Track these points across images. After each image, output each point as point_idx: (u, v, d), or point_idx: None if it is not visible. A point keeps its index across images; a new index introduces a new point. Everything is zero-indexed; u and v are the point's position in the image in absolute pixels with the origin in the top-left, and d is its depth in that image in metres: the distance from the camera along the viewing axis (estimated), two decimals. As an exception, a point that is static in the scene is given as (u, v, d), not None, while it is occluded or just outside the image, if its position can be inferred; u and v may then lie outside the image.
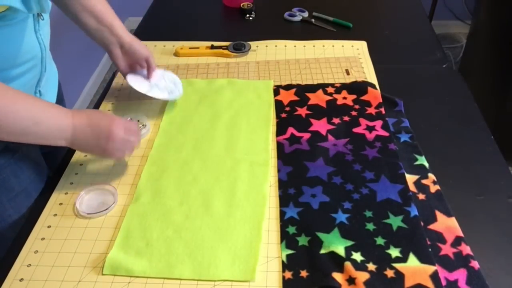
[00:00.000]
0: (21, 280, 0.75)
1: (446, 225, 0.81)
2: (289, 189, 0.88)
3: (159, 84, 1.09)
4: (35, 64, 0.88)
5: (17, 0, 0.74)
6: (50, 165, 1.01)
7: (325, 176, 0.91)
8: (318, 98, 1.11)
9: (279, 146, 0.98)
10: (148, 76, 1.09)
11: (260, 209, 0.84)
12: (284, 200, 0.86)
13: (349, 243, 0.78)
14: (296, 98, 1.12)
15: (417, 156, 0.95)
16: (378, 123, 1.03)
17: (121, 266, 0.75)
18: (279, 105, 1.10)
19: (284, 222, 0.82)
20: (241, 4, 1.52)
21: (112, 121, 0.84)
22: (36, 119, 0.77)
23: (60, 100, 1.09)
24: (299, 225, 0.82)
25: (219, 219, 0.83)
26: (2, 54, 0.79)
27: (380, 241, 0.78)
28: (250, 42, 1.32)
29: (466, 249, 0.77)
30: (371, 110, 1.06)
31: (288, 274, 0.74)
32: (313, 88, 1.14)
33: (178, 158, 0.96)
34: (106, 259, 0.76)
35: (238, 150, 0.97)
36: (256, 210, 0.84)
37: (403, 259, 0.75)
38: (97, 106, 1.14)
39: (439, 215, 0.83)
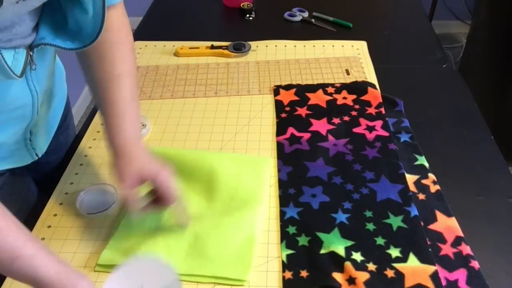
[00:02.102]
0: (21, 280, 0.75)
1: (446, 225, 0.81)
2: (289, 189, 0.88)
3: None
4: (24, 111, 0.78)
5: None
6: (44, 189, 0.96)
7: (325, 176, 0.91)
8: (318, 98, 1.11)
9: (279, 146, 0.98)
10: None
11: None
12: (284, 200, 0.86)
13: (349, 243, 0.78)
14: (296, 98, 1.11)
15: (417, 156, 0.95)
16: (378, 123, 1.03)
17: (115, 260, 0.75)
18: (279, 105, 1.10)
19: (284, 222, 0.82)
20: (241, 4, 1.52)
21: None
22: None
23: (67, 126, 1.04)
24: (299, 225, 0.82)
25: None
26: None
27: (380, 241, 0.78)
28: (250, 42, 1.32)
29: (466, 249, 0.77)
30: (371, 110, 1.06)
31: (288, 274, 0.74)
32: (313, 88, 1.14)
33: None
34: (101, 254, 0.77)
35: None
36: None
37: (403, 259, 0.75)
38: (97, 106, 1.13)
39: (439, 215, 0.83)
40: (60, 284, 0.61)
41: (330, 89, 1.13)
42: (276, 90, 1.15)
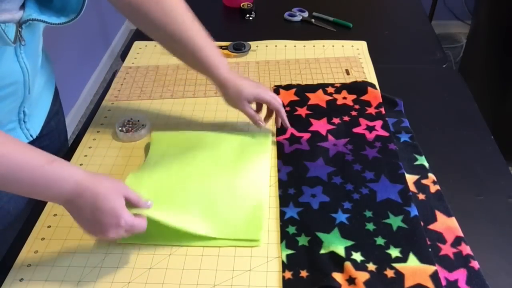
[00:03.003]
0: (21, 280, 0.75)
1: (446, 225, 0.81)
2: (289, 189, 0.88)
3: None
4: (16, 89, 0.81)
5: None
6: None
7: (325, 176, 0.91)
8: (318, 98, 1.11)
9: (279, 146, 0.98)
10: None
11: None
12: (284, 200, 0.87)
13: (349, 243, 0.78)
14: (296, 98, 1.11)
15: (417, 156, 0.95)
16: (378, 123, 1.03)
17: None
18: (279, 105, 1.10)
19: (284, 222, 0.82)
20: (241, 4, 1.52)
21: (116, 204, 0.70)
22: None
23: (57, 111, 1.04)
24: (299, 225, 0.82)
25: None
26: None
27: (380, 241, 0.78)
28: (250, 42, 1.32)
29: (466, 249, 0.77)
30: (371, 110, 1.06)
31: (288, 274, 0.74)
32: (313, 88, 1.14)
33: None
34: None
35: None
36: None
37: (403, 259, 0.75)
38: (97, 106, 1.14)
39: (439, 215, 0.83)
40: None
41: (330, 89, 1.13)
42: (276, 90, 1.15)
